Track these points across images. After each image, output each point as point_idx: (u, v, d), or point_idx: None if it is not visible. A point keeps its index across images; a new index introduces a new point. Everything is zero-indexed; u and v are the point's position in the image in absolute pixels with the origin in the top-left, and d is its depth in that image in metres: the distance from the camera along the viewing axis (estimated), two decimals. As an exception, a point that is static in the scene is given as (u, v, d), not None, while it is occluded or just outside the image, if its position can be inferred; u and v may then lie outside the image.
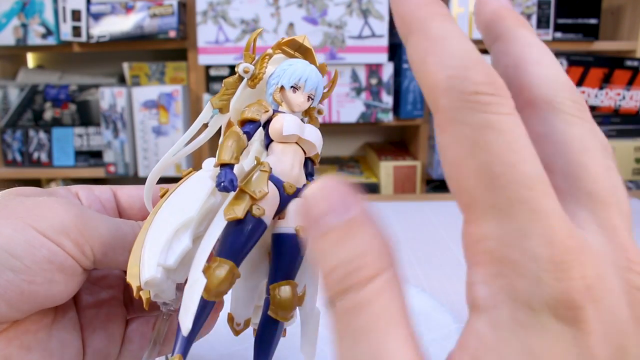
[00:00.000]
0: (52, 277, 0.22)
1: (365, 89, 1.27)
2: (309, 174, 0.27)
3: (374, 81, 1.27)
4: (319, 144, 0.27)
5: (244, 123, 0.25)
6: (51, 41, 1.26)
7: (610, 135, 1.31)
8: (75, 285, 0.24)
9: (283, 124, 0.25)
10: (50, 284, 0.22)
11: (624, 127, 1.32)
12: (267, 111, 0.25)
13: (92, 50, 1.31)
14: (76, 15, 1.24)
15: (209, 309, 0.22)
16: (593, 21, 1.28)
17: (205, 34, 1.23)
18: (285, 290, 0.25)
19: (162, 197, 0.25)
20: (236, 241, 0.23)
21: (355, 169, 1.42)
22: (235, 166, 0.23)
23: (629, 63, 1.27)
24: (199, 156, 1.22)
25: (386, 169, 1.32)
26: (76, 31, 1.25)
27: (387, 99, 1.28)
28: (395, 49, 1.29)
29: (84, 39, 1.25)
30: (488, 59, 0.16)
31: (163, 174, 0.27)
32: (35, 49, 1.37)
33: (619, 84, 1.28)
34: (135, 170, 1.33)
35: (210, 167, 0.26)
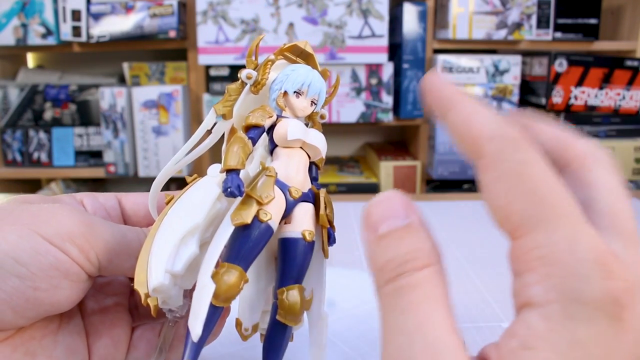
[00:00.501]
0: (57, 284, 0.22)
1: (365, 89, 1.27)
2: (313, 178, 0.27)
3: (374, 81, 1.27)
4: (323, 148, 0.27)
5: (248, 129, 0.25)
6: (51, 41, 1.26)
7: (610, 135, 1.31)
8: (81, 291, 0.24)
9: (288, 128, 0.25)
10: (55, 291, 0.22)
11: (624, 127, 1.32)
12: (271, 116, 0.26)
13: (92, 50, 1.31)
14: (76, 15, 1.24)
15: (218, 314, 0.22)
16: (593, 21, 1.28)
17: (205, 34, 1.23)
18: (293, 295, 0.25)
19: (168, 204, 0.25)
20: (244, 246, 0.23)
21: (355, 169, 1.42)
22: (241, 172, 0.23)
23: (629, 63, 1.27)
24: (199, 162, 1.22)
25: (386, 169, 1.32)
26: (76, 31, 1.25)
27: (387, 99, 1.28)
28: (395, 49, 1.29)
29: (84, 39, 1.25)
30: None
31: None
32: (35, 49, 1.37)
33: (619, 84, 1.28)
34: (135, 170, 1.33)
35: (216, 173, 0.26)
